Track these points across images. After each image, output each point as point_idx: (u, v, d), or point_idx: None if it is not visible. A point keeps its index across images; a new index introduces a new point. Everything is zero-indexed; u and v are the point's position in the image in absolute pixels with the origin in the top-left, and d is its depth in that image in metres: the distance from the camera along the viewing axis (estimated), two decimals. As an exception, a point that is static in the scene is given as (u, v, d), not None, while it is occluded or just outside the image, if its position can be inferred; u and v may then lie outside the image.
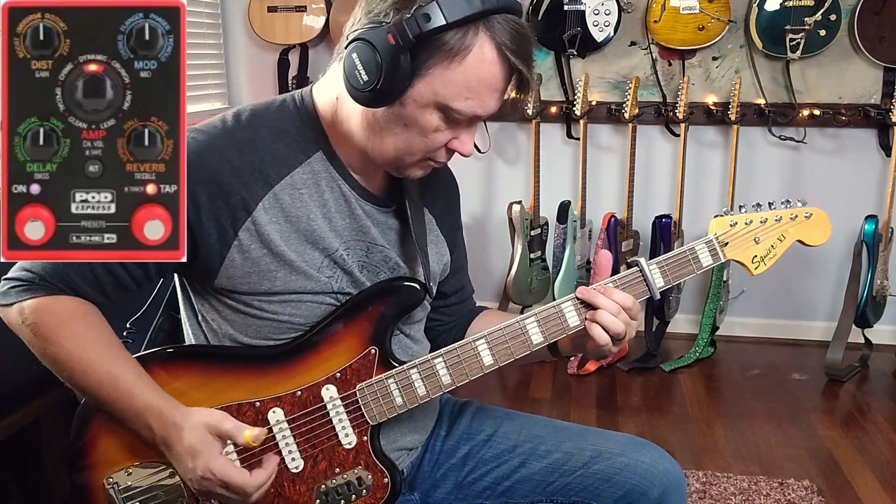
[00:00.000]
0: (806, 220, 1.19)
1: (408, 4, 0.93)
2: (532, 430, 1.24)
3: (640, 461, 1.16)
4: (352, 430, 1.10)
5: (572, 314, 1.11)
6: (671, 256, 1.15)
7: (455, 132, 1.03)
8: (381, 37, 0.94)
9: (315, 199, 1.08)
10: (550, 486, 1.19)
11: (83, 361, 1.01)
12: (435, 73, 0.96)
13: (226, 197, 1.02)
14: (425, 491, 1.25)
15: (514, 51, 0.97)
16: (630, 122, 3.02)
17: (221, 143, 1.04)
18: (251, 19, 3.26)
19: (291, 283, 1.07)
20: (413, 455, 1.25)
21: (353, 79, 0.97)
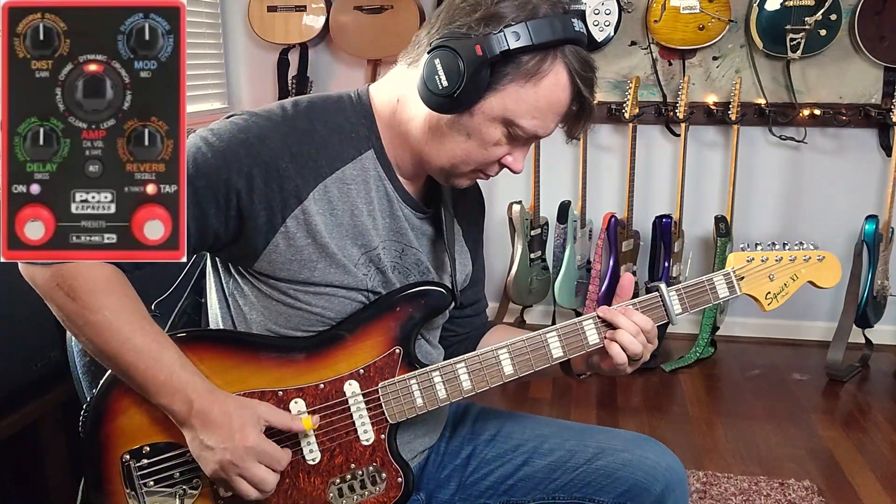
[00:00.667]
0: (818, 263, 1.24)
1: (495, 22, 0.98)
2: (535, 430, 1.25)
3: (643, 457, 1.17)
4: (371, 426, 1.10)
5: (592, 332, 1.14)
6: (690, 285, 1.19)
7: (511, 148, 1.08)
8: (469, 47, 0.98)
9: (362, 195, 1.10)
10: (553, 483, 1.19)
11: (124, 332, 0.99)
12: (509, 90, 1.01)
13: (281, 182, 1.03)
14: (430, 492, 1.26)
15: (584, 79, 1.03)
16: (630, 122, 3.02)
17: (284, 129, 1.05)
18: (251, 19, 3.26)
19: (329, 276, 1.08)
20: (421, 457, 1.25)
21: (431, 82, 1.00)
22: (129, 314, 1.01)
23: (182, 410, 1.01)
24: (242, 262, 1.10)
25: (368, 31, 3.17)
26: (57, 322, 1.04)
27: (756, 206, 3.25)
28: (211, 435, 1.01)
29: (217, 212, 1.02)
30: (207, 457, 1.02)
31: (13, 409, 1.65)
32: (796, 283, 1.24)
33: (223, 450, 1.00)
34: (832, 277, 1.25)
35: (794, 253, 1.23)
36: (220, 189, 1.01)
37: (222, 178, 1.01)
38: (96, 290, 0.99)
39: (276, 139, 1.04)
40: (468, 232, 1.28)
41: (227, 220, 1.03)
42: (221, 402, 1.02)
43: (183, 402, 1.01)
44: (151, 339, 1.01)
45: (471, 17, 1.00)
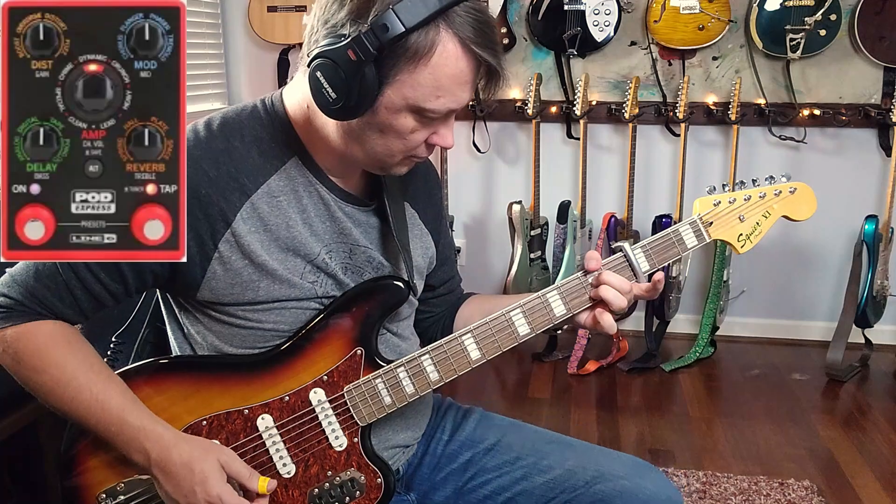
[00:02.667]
0: (791, 196, 1.17)
1: (364, 14, 0.92)
2: (536, 444, 1.22)
3: (643, 486, 1.13)
4: (342, 432, 1.10)
5: (558, 304, 1.11)
6: (655, 239, 1.14)
7: (432, 128, 1.03)
8: (342, 53, 0.92)
9: (293, 205, 1.07)
10: (551, 501, 1.17)
11: (70, 388, 1.00)
12: (402, 79, 0.95)
13: (204, 209, 1.01)
14: (423, 492, 1.25)
15: (479, 42, 0.96)
16: (630, 122, 3.02)
17: (196, 154, 1.02)
18: (251, 19, 3.26)
19: (274, 292, 1.06)
20: (409, 453, 1.24)
21: (320, 96, 0.96)
22: (74, 369, 1.00)
23: (141, 461, 1.01)
24: (186, 294, 1.09)
25: (368, 31, 3.16)
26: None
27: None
28: (174, 487, 1.00)
29: None
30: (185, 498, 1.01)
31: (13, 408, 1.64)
32: (769, 220, 1.17)
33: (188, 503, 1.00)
34: (807, 209, 1.18)
35: (763, 189, 1.16)
36: None
37: None
38: (39, 349, 1.00)
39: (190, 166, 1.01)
40: (424, 213, 1.24)
41: None
42: (180, 450, 1.00)
43: (139, 453, 1.00)
44: (99, 391, 1.00)
45: (340, 13, 0.94)
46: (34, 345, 1.00)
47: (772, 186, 1.17)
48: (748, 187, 1.17)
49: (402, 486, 1.24)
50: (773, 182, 1.17)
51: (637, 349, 3.14)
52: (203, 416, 1.06)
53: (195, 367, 1.10)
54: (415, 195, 1.23)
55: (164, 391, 1.07)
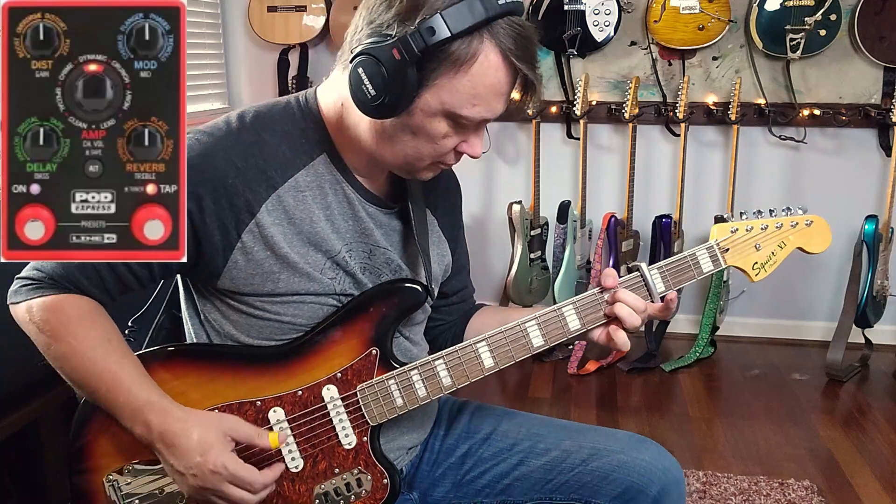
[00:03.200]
0: (806, 228, 1.19)
1: (411, 16, 0.94)
2: (531, 429, 1.24)
3: (639, 458, 1.15)
4: (352, 430, 1.10)
5: (573, 318, 1.13)
6: (672, 262, 1.15)
7: (463, 136, 1.04)
8: (387, 52, 0.94)
9: (318, 201, 1.08)
10: (549, 483, 1.18)
11: (86, 358, 1.01)
12: (441, 83, 0.97)
13: (230, 199, 1.02)
14: (424, 490, 1.25)
15: (519, 55, 0.98)
16: (630, 122, 3.02)
17: (227, 144, 1.04)
18: (251, 19, 3.26)
19: (294, 285, 1.07)
20: (412, 454, 1.25)
21: (360, 93, 0.98)
22: (92, 341, 1.02)
23: (144, 434, 1.01)
24: (206, 282, 1.10)
25: (368, 31, 3.16)
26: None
27: (756, 206, 3.21)
28: (177, 459, 1.00)
29: None
30: (179, 480, 1.02)
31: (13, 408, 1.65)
32: (784, 251, 1.19)
33: (193, 476, 1.00)
34: (822, 242, 1.20)
35: (780, 220, 1.18)
36: None
37: None
38: (62, 320, 1.02)
39: (219, 156, 1.03)
40: (444, 221, 1.26)
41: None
42: (183, 423, 1.00)
43: (142, 425, 1.01)
44: (112, 362, 1.02)
45: (387, 14, 0.96)
46: (58, 315, 1.02)
47: (789, 217, 1.19)
48: (765, 216, 1.18)
49: (404, 486, 1.24)
50: (790, 213, 1.19)
51: (637, 349, 3.14)
52: (216, 404, 1.07)
53: (211, 356, 1.11)
54: (436, 203, 1.24)
55: (179, 376, 1.07)
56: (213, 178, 1.01)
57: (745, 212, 1.19)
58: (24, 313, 1.04)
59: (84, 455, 1.08)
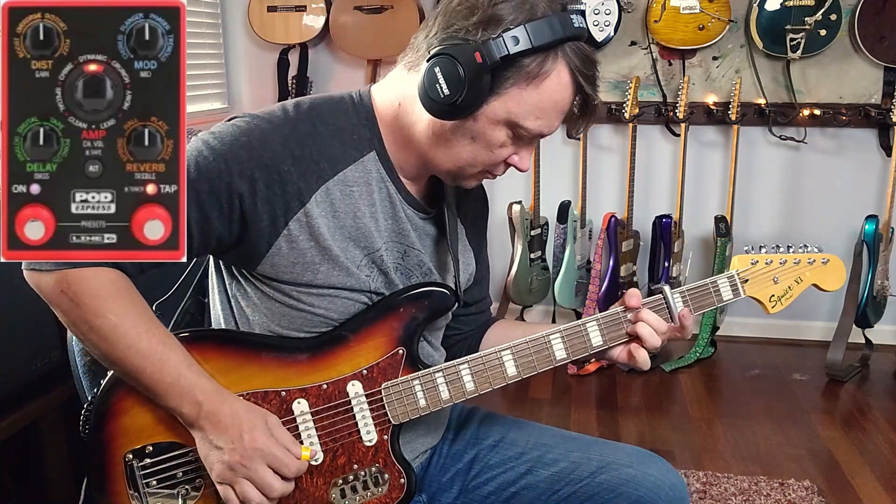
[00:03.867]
0: (823, 266, 1.24)
1: (494, 25, 0.97)
2: (539, 439, 1.24)
3: (647, 474, 1.14)
4: (374, 427, 1.10)
5: (596, 334, 1.14)
6: (694, 287, 1.19)
7: (516, 148, 1.08)
8: (468, 54, 0.97)
9: (364, 197, 1.09)
10: (556, 494, 1.18)
11: (130, 335, 0.99)
12: (511, 93, 1.00)
13: (283, 185, 1.03)
14: (432, 494, 1.26)
15: (587, 76, 1.03)
16: (630, 122, 3.02)
17: (286, 131, 1.05)
18: (251, 19, 3.26)
19: (332, 278, 1.08)
20: (423, 457, 1.25)
21: (432, 90, 0.99)
22: (134, 317, 1.01)
23: (191, 413, 1.01)
24: (245, 265, 1.10)
25: (368, 31, 3.17)
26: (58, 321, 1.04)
27: (756, 206, 3.25)
28: (220, 435, 1.01)
29: (220, 215, 1.02)
30: (215, 457, 1.01)
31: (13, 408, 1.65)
32: (800, 286, 1.24)
33: (232, 450, 1.00)
34: (836, 280, 1.24)
35: (798, 256, 1.23)
36: (222, 192, 1.01)
37: (224, 182, 1.01)
38: (101, 294, 0.99)
39: (277, 142, 1.03)
40: (471, 231, 1.28)
41: (231, 223, 1.03)
42: (231, 404, 1.02)
43: (191, 405, 1.01)
44: (157, 342, 1.01)
45: (468, 20, 0.99)
46: (95, 289, 0.99)
47: (806, 255, 1.23)
48: (783, 251, 1.23)
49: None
50: (807, 251, 1.24)
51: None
52: (242, 391, 1.07)
53: (240, 342, 1.11)
54: (466, 213, 1.26)
55: (208, 360, 1.07)
56: (270, 163, 1.02)
57: (764, 246, 1.23)
58: (55, 285, 0.98)
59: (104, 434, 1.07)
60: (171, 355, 1.01)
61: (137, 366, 1.00)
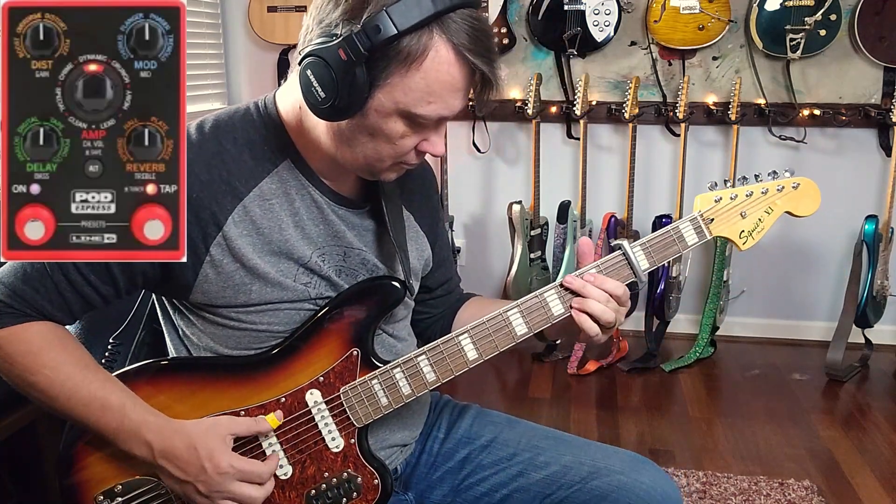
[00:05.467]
0: (794, 191, 1.15)
1: (357, 15, 0.91)
2: (532, 440, 1.22)
3: (640, 481, 1.13)
4: (338, 433, 1.10)
5: (556, 303, 1.10)
6: (655, 237, 1.12)
7: (423, 135, 1.02)
8: (333, 52, 0.92)
9: (285, 208, 1.07)
10: (547, 498, 1.17)
11: (67, 387, 0.99)
12: (393, 82, 0.94)
13: (196, 212, 1.01)
14: (421, 492, 1.25)
15: (473, 49, 0.94)
16: (630, 122, 3.02)
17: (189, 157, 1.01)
18: (251, 19, 3.26)
19: (267, 295, 1.06)
20: (406, 452, 1.24)
21: (310, 95, 0.96)
22: (69, 368, 1.00)
23: (145, 454, 1.01)
24: (179, 297, 1.09)
25: (368, 31, 3.16)
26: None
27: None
28: (183, 471, 1.01)
29: None
30: (189, 490, 1.02)
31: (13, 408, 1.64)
32: (772, 216, 1.15)
33: (201, 482, 1.00)
34: (811, 204, 1.15)
35: (765, 185, 1.14)
36: None
37: None
38: (31, 350, 0.99)
39: None
40: (421, 215, 1.24)
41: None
42: (182, 435, 1.01)
43: (143, 445, 1.01)
44: (97, 388, 1.00)
45: (334, 13, 0.93)
46: (26, 346, 0.99)
47: (774, 182, 1.15)
48: (750, 183, 1.15)
49: (399, 486, 1.24)
50: (776, 178, 1.15)
51: (637, 349, 3.13)
52: (201, 416, 1.06)
53: (193, 368, 1.10)
54: (410, 197, 1.22)
55: (163, 391, 1.07)
56: None
57: (728, 179, 1.16)
58: None
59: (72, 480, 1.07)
60: (111, 399, 1.00)
61: (81, 415, 1.01)
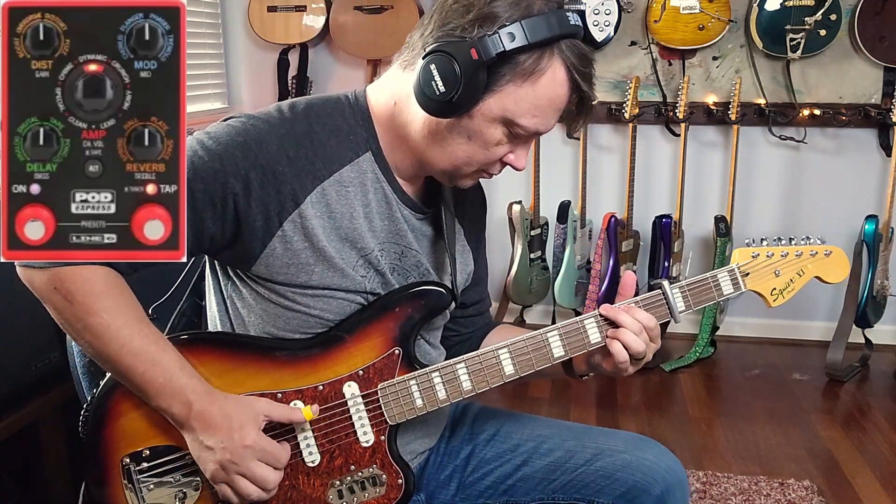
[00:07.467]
0: (825, 258, 1.22)
1: (490, 22, 0.97)
2: (534, 430, 1.24)
3: (643, 458, 1.16)
4: (370, 428, 1.10)
5: (594, 330, 1.13)
6: (694, 282, 1.17)
7: (513, 147, 1.07)
8: (464, 51, 0.97)
9: (359, 198, 1.09)
10: (552, 483, 1.19)
11: (123, 334, 0.99)
12: (507, 91, 1.00)
13: (278, 186, 1.03)
14: (431, 492, 1.26)
15: (583, 74, 1.02)
16: (630, 122, 3.02)
17: (281, 132, 1.05)
18: (251, 19, 3.26)
19: (327, 279, 1.07)
20: (421, 458, 1.25)
21: (428, 88, 0.99)
22: (127, 316, 1.00)
23: (181, 413, 1.01)
24: (240, 266, 1.10)
25: (368, 31, 3.17)
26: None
27: (756, 206, 3.25)
28: (211, 436, 1.01)
29: (214, 215, 1.01)
30: (207, 457, 1.02)
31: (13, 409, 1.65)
32: (802, 279, 1.21)
33: (223, 449, 1.00)
34: (840, 272, 1.22)
35: (800, 248, 1.21)
36: (216, 192, 1.00)
37: (219, 182, 1.00)
38: (94, 292, 0.99)
39: (273, 142, 1.03)
40: (470, 231, 1.28)
41: (224, 223, 1.03)
42: (220, 403, 1.02)
43: (182, 405, 1.01)
44: (150, 342, 1.01)
45: (464, 18, 0.98)
46: (88, 287, 0.98)
47: (808, 247, 1.21)
48: (785, 244, 1.21)
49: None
50: (809, 242, 1.22)
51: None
52: (238, 393, 1.06)
53: (235, 345, 1.11)
54: (464, 212, 1.26)
55: (203, 363, 1.07)
56: (265, 163, 1.02)
57: (765, 238, 1.21)
58: (48, 282, 0.98)
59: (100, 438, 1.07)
60: (163, 356, 1.01)
61: (129, 365, 1.00)
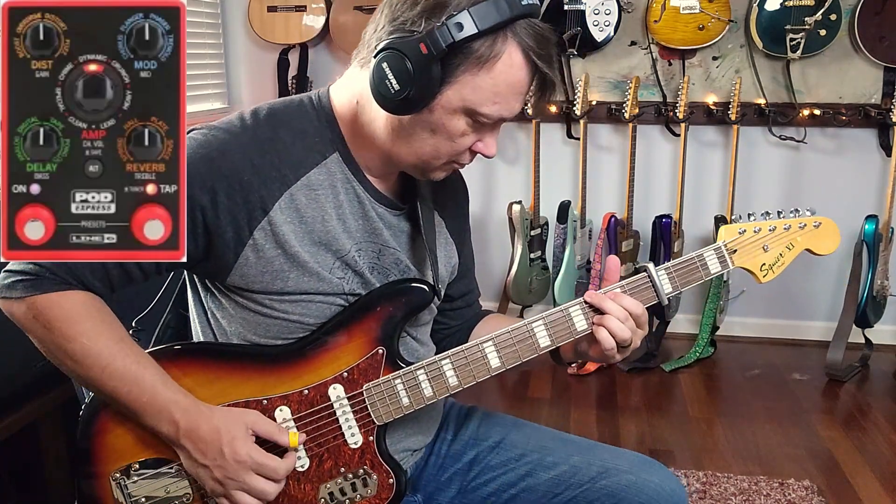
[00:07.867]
0: (815, 230, 1.19)
1: (437, 13, 0.95)
2: (540, 441, 1.23)
3: (648, 480, 1.14)
4: (358, 429, 1.10)
5: (580, 318, 1.12)
6: (680, 262, 1.15)
7: (480, 135, 1.05)
8: (413, 46, 0.95)
9: (330, 200, 1.08)
10: (556, 497, 1.18)
11: (102, 357, 1.00)
12: (464, 80, 0.98)
13: (245, 195, 1.02)
14: (429, 493, 1.25)
15: (541, 55, 0.99)
16: (630, 122, 3.02)
17: (244, 140, 1.04)
18: (251, 19, 3.26)
19: (303, 284, 1.07)
20: (417, 456, 1.25)
21: (382, 87, 0.98)
22: (106, 339, 1.01)
23: (170, 431, 1.01)
24: (215, 278, 1.09)
25: (368, 31, 3.17)
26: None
27: (756, 206, 3.20)
28: (203, 453, 1.01)
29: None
30: (203, 474, 1.02)
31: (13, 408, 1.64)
32: (792, 252, 1.19)
33: (217, 466, 1.01)
34: (830, 243, 1.19)
35: (788, 221, 1.18)
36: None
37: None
38: (71, 318, 0.99)
39: (236, 151, 1.03)
40: (452, 223, 1.26)
41: (195, 236, 1.02)
42: (208, 418, 1.01)
43: (169, 423, 1.01)
44: (131, 361, 1.01)
45: (413, 10, 0.97)
46: (66, 313, 0.99)
47: (797, 219, 1.18)
48: (773, 218, 1.18)
49: (409, 488, 1.24)
50: (799, 214, 1.19)
51: (637, 349, 3.13)
52: (222, 403, 1.07)
53: (218, 354, 1.10)
54: (444, 204, 1.24)
55: (187, 374, 1.07)
56: (229, 174, 1.01)
57: (752, 213, 1.19)
58: (26, 311, 1.00)
59: (90, 454, 1.07)
60: (145, 374, 1.01)
61: (113, 387, 1.01)
